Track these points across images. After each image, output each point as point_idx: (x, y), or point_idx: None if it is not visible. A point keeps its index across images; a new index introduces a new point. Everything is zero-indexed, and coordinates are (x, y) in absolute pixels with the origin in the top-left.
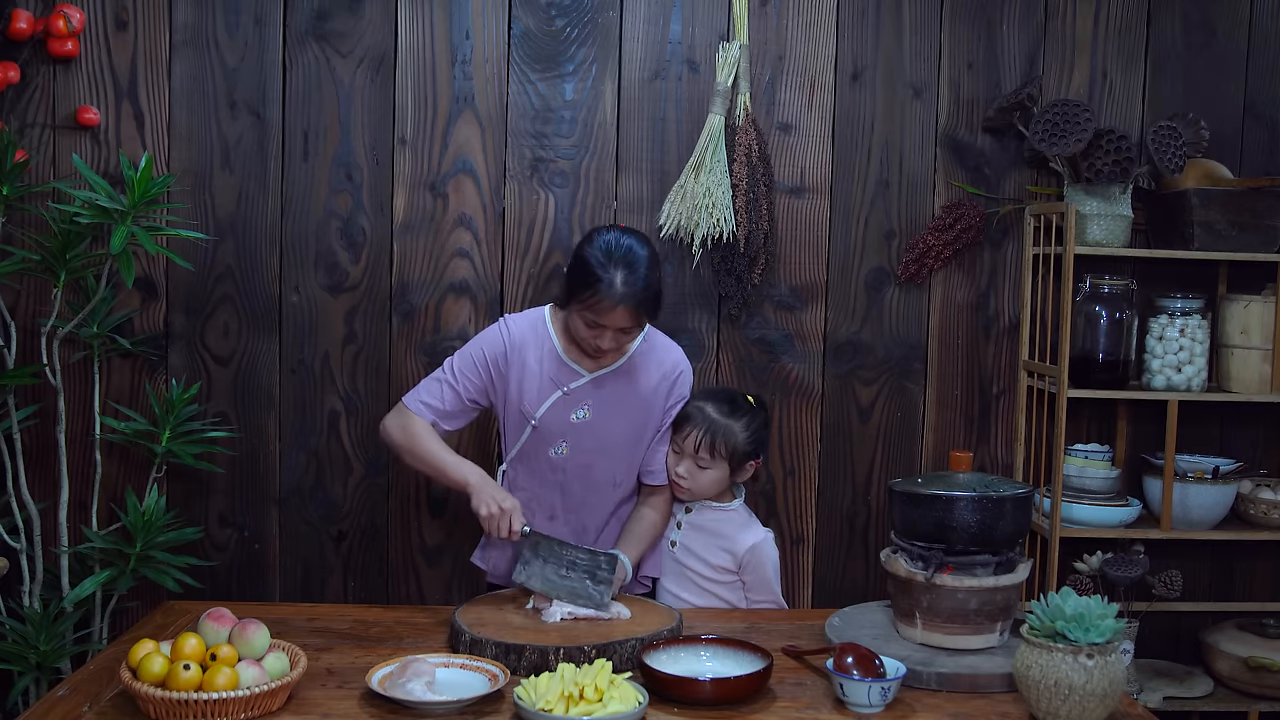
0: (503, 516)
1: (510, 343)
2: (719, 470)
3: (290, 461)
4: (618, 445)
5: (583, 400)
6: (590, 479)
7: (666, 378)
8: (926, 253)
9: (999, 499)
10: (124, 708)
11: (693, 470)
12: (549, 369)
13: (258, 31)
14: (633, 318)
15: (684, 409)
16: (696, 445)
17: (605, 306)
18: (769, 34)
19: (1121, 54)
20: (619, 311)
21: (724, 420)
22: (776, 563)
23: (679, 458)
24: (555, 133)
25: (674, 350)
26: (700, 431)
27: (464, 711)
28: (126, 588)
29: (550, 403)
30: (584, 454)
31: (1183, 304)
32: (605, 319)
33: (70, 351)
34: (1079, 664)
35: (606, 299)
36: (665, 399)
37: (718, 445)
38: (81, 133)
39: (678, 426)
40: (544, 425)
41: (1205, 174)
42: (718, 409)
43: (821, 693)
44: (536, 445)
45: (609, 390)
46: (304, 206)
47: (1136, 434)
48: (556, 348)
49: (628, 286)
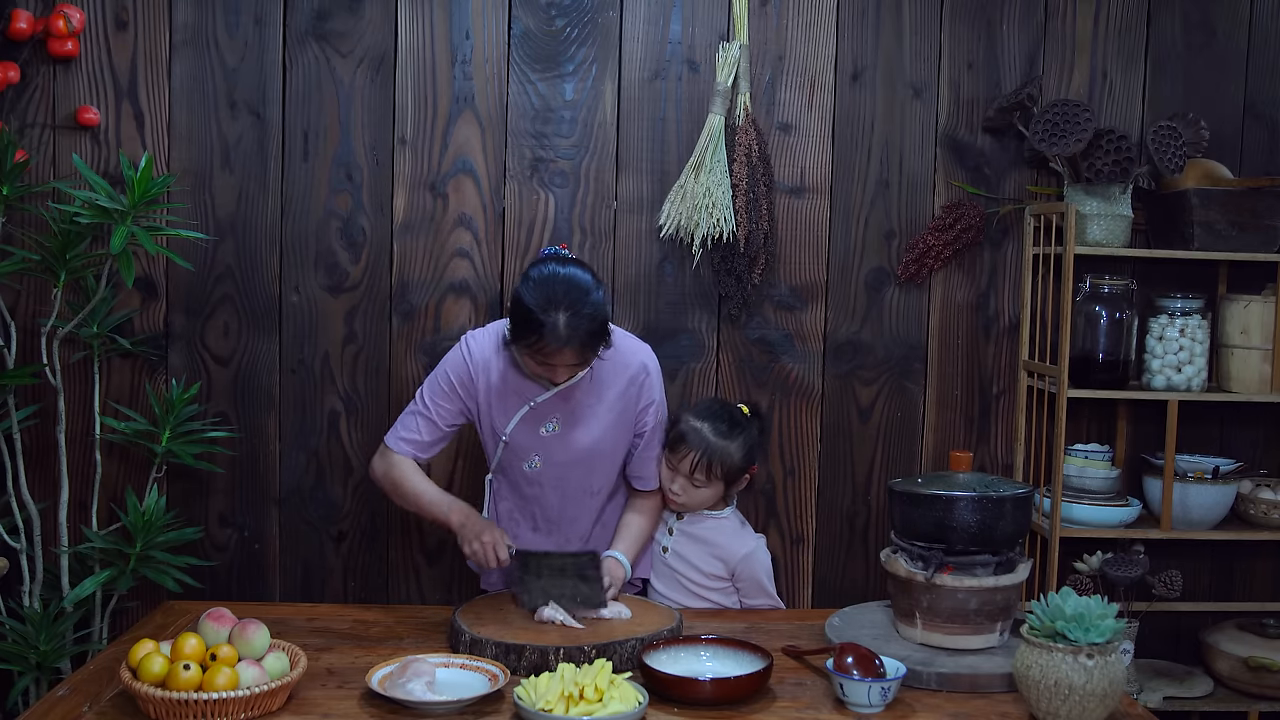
0: (486, 550)
1: (473, 362)
2: (714, 488)
3: (290, 461)
4: (590, 455)
5: (550, 414)
6: (566, 490)
7: (634, 382)
8: (926, 253)
9: (999, 499)
10: (124, 708)
11: (687, 488)
12: (514, 384)
13: (258, 31)
14: (580, 355)
15: (680, 428)
16: (693, 467)
17: (551, 350)
18: (769, 34)
19: (1121, 54)
20: (566, 352)
21: (721, 443)
22: (769, 568)
23: (674, 475)
24: (555, 133)
25: (639, 352)
26: (698, 454)
27: (464, 711)
28: (126, 588)
29: (518, 418)
30: (557, 466)
31: (1183, 304)
32: (554, 360)
33: (70, 351)
34: (1079, 664)
35: (551, 343)
36: (636, 403)
37: (714, 468)
38: (81, 133)
39: (674, 446)
40: (514, 441)
41: (1205, 174)
42: (715, 429)
43: (821, 693)
44: (510, 460)
45: (576, 401)
46: (304, 206)
47: (1136, 434)
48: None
49: (571, 328)
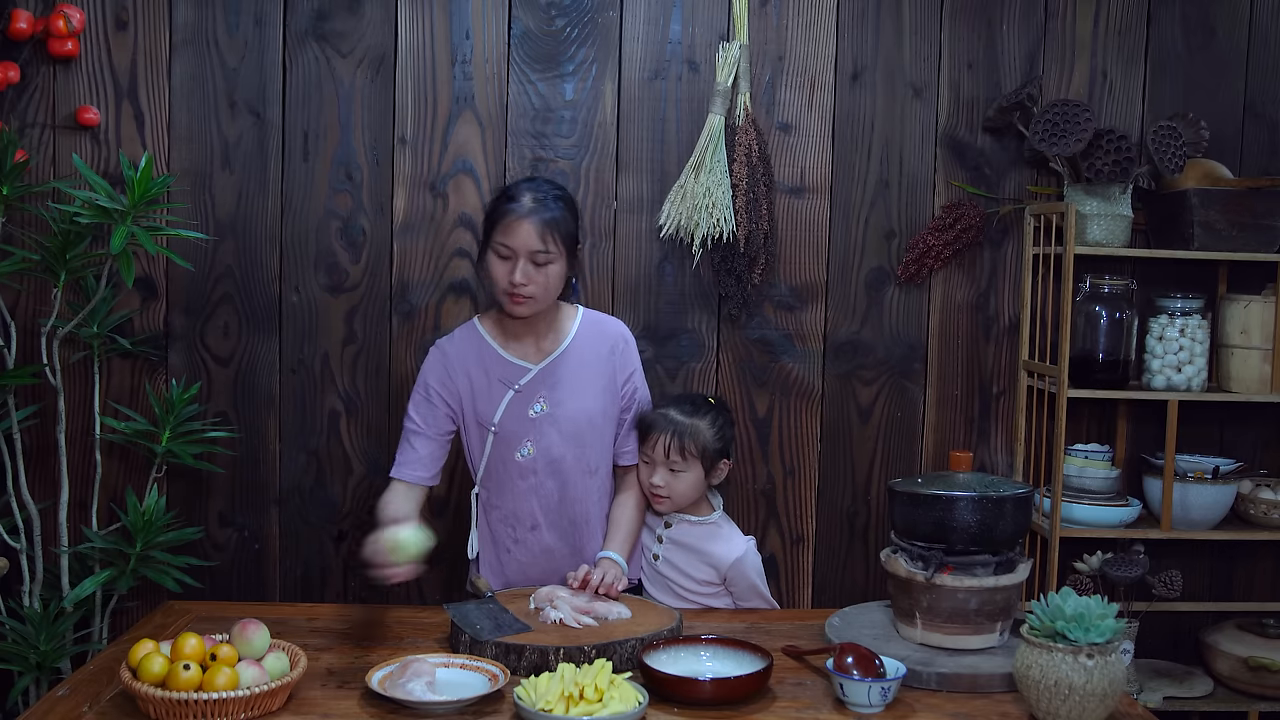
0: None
1: (448, 360)
2: (693, 472)
3: (290, 461)
4: (583, 429)
5: (536, 393)
6: (563, 473)
7: (614, 350)
8: (926, 253)
9: (999, 499)
10: (124, 708)
11: (668, 478)
12: (495, 371)
13: (258, 31)
14: (541, 238)
15: (648, 417)
16: (667, 449)
17: (512, 222)
18: (769, 34)
19: (1121, 54)
20: (525, 227)
21: (689, 420)
22: (761, 569)
23: (651, 468)
24: (555, 133)
25: (615, 323)
26: (668, 436)
27: (464, 711)
28: (126, 588)
29: (505, 404)
30: (551, 448)
31: (1183, 304)
32: (514, 239)
33: (70, 351)
34: (1079, 664)
35: (514, 214)
36: (620, 371)
37: (687, 445)
38: (81, 133)
39: (644, 436)
40: (503, 429)
41: (1205, 174)
42: (680, 410)
43: (821, 693)
44: (501, 454)
45: (560, 376)
46: (304, 206)
47: (1136, 434)
48: (496, 349)
49: (536, 204)
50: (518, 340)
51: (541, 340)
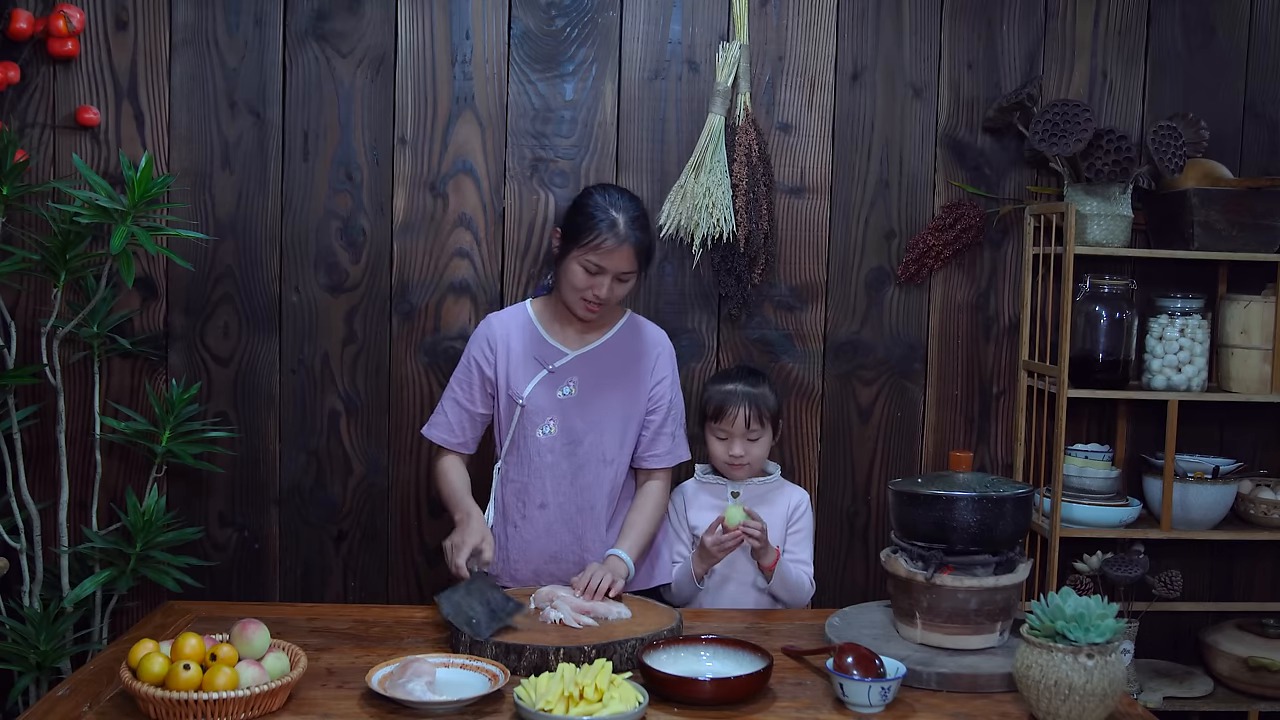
0: (451, 550)
1: (493, 332)
2: (767, 435)
3: (290, 461)
4: (605, 420)
5: (568, 377)
6: (578, 456)
7: (649, 355)
8: (926, 253)
9: (999, 499)
10: (124, 708)
11: (746, 446)
12: (534, 349)
13: (258, 31)
14: (634, 261)
15: (715, 400)
16: (747, 420)
17: (609, 247)
18: (769, 34)
19: (1121, 54)
20: (622, 252)
21: (758, 390)
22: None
23: (729, 442)
24: (555, 133)
25: (658, 331)
26: (746, 408)
27: (464, 711)
28: (126, 588)
29: (536, 381)
30: (572, 431)
31: (1183, 304)
32: (608, 261)
33: (70, 351)
34: (1079, 664)
35: (611, 238)
36: (649, 376)
37: (763, 413)
38: (81, 133)
39: (717, 415)
40: (531, 404)
41: (1205, 174)
42: (746, 383)
43: (821, 693)
44: (525, 428)
45: (593, 367)
46: (304, 206)
47: (1136, 434)
48: (540, 330)
49: (631, 229)
50: (561, 327)
51: (585, 332)
